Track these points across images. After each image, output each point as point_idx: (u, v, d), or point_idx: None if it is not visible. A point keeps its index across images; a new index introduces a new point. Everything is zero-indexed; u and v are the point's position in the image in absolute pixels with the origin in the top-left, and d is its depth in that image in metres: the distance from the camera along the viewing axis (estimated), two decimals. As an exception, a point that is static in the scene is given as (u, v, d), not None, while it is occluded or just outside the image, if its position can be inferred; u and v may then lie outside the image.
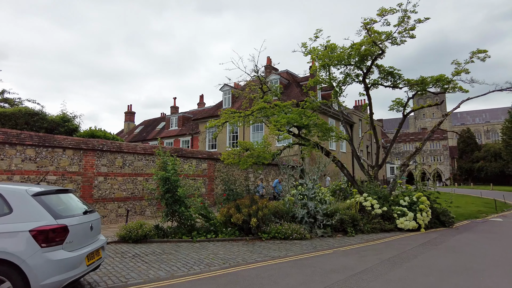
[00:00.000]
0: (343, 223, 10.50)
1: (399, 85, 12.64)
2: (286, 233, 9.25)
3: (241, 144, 11.29)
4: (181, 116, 35.67)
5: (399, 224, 11.50)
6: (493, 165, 59.36)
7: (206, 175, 16.59)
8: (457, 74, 11.97)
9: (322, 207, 10.12)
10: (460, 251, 7.97)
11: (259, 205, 9.38)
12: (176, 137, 33.93)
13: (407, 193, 13.27)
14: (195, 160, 16.22)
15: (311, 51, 13.02)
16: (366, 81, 12.66)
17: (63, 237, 3.87)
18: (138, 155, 14.12)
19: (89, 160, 12.48)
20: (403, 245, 8.68)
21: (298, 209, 9.96)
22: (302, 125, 11.51)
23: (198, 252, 7.57)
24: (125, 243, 8.49)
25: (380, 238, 9.96)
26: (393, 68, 12.30)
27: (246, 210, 9.14)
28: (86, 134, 12.93)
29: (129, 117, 46.64)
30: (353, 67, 12.29)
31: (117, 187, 13.23)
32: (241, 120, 12.16)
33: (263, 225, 9.42)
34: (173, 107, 41.06)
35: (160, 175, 9.21)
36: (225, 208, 9.48)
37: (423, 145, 16.66)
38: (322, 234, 9.95)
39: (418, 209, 11.89)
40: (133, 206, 13.72)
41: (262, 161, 11.08)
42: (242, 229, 9.49)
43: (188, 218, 9.30)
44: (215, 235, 9.26)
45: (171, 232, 9.30)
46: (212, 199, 16.49)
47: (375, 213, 11.66)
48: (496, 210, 18.21)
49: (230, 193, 10.40)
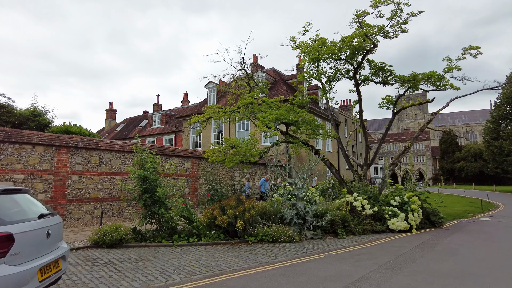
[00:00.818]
0: (334, 225, 10.01)
1: (390, 81, 12.25)
2: (274, 236, 8.65)
3: (226, 141, 10.64)
4: (164, 114, 34.65)
5: (390, 225, 11.10)
6: (473, 165, 60.68)
7: (189, 174, 15.84)
8: (449, 71, 11.68)
9: (312, 208, 9.59)
10: (457, 254, 7.57)
11: (245, 206, 8.75)
12: (159, 136, 32.91)
13: (397, 192, 12.94)
14: (178, 159, 15.44)
15: (300, 45, 12.48)
16: (357, 77, 12.21)
17: (6, 248, 3.14)
18: (116, 153, 13.26)
19: (62, 157, 11.56)
20: (398, 248, 8.23)
21: (287, 210, 9.38)
22: (291, 121, 10.95)
23: (178, 258, 6.88)
24: (98, 248, 7.71)
25: (373, 240, 9.51)
26: (384, 63, 11.90)
27: (231, 212, 8.50)
28: (60, 129, 11.98)
29: (111, 114, 45.11)
30: (344, 62, 11.82)
31: (93, 187, 12.35)
32: (226, 116, 11.49)
33: (250, 228, 8.80)
34: (156, 104, 39.93)
35: (137, 174, 8.45)
36: (209, 209, 8.80)
37: (412, 144, 16.46)
38: (312, 236, 9.41)
39: (409, 210, 11.54)
40: (111, 207, 12.86)
41: (249, 159, 10.45)
42: (227, 232, 8.84)
43: (169, 220, 8.59)
44: (198, 239, 8.58)
45: (149, 236, 8.56)
46: (196, 199, 15.75)
47: (365, 213, 11.22)
48: (482, 209, 18.20)
49: (214, 193, 9.73)
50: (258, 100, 12.01)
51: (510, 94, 29.80)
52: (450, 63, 11.87)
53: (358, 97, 12.67)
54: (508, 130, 28.99)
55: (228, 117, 12.02)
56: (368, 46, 11.05)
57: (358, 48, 10.62)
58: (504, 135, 29.65)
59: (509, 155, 29.19)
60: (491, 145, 32.00)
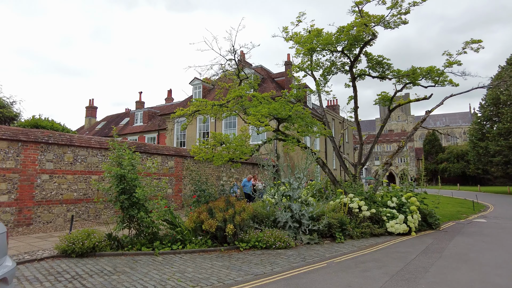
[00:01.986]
0: (331, 228, 9.25)
1: (387, 76, 11.62)
2: (268, 242, 7.80)
3: (214, 136, 9.70)
4: (147, 111, 33.30)
5: (389, 227, 10.44)
6: (455, 166, 61.65)
7: (173, 174, 14.80)
8: (449, 66, 11.14)
9: (308, 210, 8.79)
10: (469, 260, 6.91)
11: (236, 208, 7.86)
12: (141, 134, 31.55)
13: (393, 193, 12.35)
14: (161, 157, 14.40)
15: (293, 36, 11.68)
16: (353, 70, 11.51)
17: None
18: (93, 150, 12.13)
19: (30, 154, 10.37)
20: (404, 254, 7.52)
21: (282, 212, 8.54)
22: (285, 116, 10.12)
23: (160, 270, 5.93)
24: (66, 258, 6.66)
25: (373, 244, 8.80)
26: (382, 57, 11.25)
27: (220, 215, 7.59)
28: (28, 124, 10.78)
29: (91, 112, 43.21)
30: (340, 54, 11.11)
31: (66, 187, 11.20)
32: (214, 111, 10.56)
33: (241, 232, 7.91)
34: (139, 102, 38.45)
35: (114, 172, 7.44)
36: (195, 212, 7.87)
37: (406, 143, 15.99)
38: (308, 241, 8.61)
39: (408, 211, 10.93)
40: (86, 209, 11.72)
41: (240, 156, 9.55)
42: (216, 238, 7.93)
43: (149, 225, 7.60)
44: (183, 246, 7.63)
45: (127, 243, 7.55)
46: (180, 201, 14.73)
47: (363, 215, 10.52)
48: (474, 210, 17.94)
49: (201, 194, 8.79)
50: (248, 95, 11.14)
51: (495, 95, 30.05)
52: (450, 57, 11.34)
53: (354, 92, 11.98)
54: (494, 131, 29.19)
55: (216, 112, 11.10)
56: (367, 38, 10.36)
57: (357, 39, 9.92)
58: (490, 136, 29.85)
59: (495, 156, 29.42)
60: (477, 146, 32.22)
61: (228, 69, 11.42)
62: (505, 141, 27.61)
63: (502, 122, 28.25)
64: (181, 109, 9.75)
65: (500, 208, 19.45)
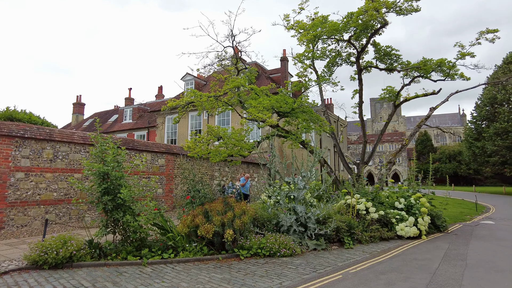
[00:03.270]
0: (338, 232, 8.41)
1: (396, 68, 10.84)
2: (271, 249, 6.91)
3: (211, 130, 8.75)
4: (137, 108, 32.08)
5: (399, 231, 9.67)
6: (447, 167, 61.74)
7: (163, 172, 13.80)
8: (462, 57, 10.41)
9: (315, 213, 7.93)
10: (503, 270, 6.13)
11: (236, 211, 6.95)
12: (130, 131, 30.33)
13: (400, 193, 11.61)
14: (150, 155, 13.38)
15: (296, 24, 10.81)
16: (360, 61, 10.70)
17: None
18: (76, 146, 11.07)
19: (2, 150, 9.28)
20: (424, 262, 6.71)
21: (287, 215, 7.66)
22: (289, 109, 9.23)
23: (149, 285, 4.99)
24: (37, 271, 5.66)
25: (385, 250, 8.00)
26: (391, 47, 10.47)
27: (218, 219, 6.67)
28: (1, 116, 9.66)
29: (78, 108, 41.61)
30: (346, 44, 10.27)
31: (44, 187, 10.13)
32: (210, 104, 9.62)
33: (241, 238, 7.01)
34: (128, 98, 37.14)
35: (95, 169, 6.45)
36: (189, 216, 6.92)
37: (409, 142, 15.35)
38: (315, 247, 7.75)
39: (418, 213, 10.18)
40: (67, 211, 10.66)
41: (241, 153, 8.63)
42: (212, 244, 7.01)
43: (137, 230, 6.63)
44: (175, 254, 6.69)
45: (111, 250, 6.57)
46: (171, 201, 13.74)
47: (370, 218, 9.73)
48: (476, 211, 17.39)
49: (195, 195, 7.85)
50: (246, 86, 10.23)
51: (492, 95, 29.76)
52: (462, 49, 10.62)
53: (359, 85, 11.17)
54: (490, 130, 28.87)
55: (211, 105, 10.16)
56: (376, 26, 9.55)
57: (367, 25, 9.11)
58: (486, 136, 29.53)
59: (491, 155, 29.10)
60: (473, 146, 31.90)
61: (225, 60, 10.48)
62: (502, 141, 27.29)
63: (499, 122, 27.93)
64: (174, 100, 8.78)
65: (502, 209, 18.95)
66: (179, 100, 8.87)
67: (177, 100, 8.87)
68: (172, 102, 8.72)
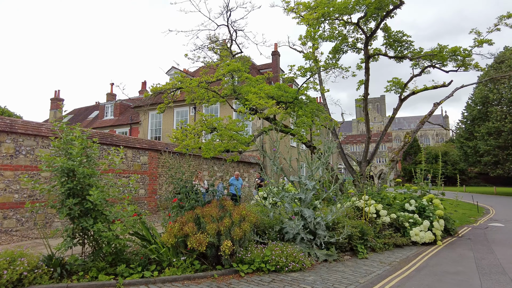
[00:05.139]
0: (351, 239, 7.28)
1: (406, 56, 9.81)
2: (278, 263, 5.70)
3: (204, 120, 7.41)
4: (119, 104, 30.34)
5: (413, 236, 8.64)
6: (433, 167, 62.06)
7: (146, 171, 12.40)
8: (479, 45, 9.48)
9: (327, 218, 6.76)
10: (552, 287, 5.12)
11: (234, 216, 5.70)
12: (111, 128, 28.59)
13: (408, 195, 10.64)
14: (132, 151, 11.96)
15: (295, 7, 9.64)
16: (368, 48, 9.62)
17: None
18: (44, 139, 9.60)
19: (-50, 143, 7.76)
20: (459, 276, 5.64)
21: (295, 221, 6.45)
22: (291, 99, 8.04)
23: (122, 321, 3.69)
24: (-25, 298, 4.26)
25: (404, 259, 6.94)
26: (402, 33, 9.43)
27: (213, 227, 5.41)
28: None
29: (56, 104, 39.21)
30: (354, 27, 9.17)
31: (3, 187, 8.63)
32: (201, 94, 8.32)
33: (241, 250, 5.76)
34: (110, 94, 35.20)
35: (57, 165, 5.09)
36: (176, 223, 5.62)
37: (412, 138, 14.48)
38: (326, 257, 6.58)
39: (433, 216, 9.19)
40: (32, 216, 9.17)
41: (240, 147, 7.36)
42: (205, 256, 5.74)
43: (111, 240, 5.29)
44: (159, 270, 5.39)
45: (78, 267, 5.22)
46: (154, 203, 12.35)
47: (382, 222, 8.66)
48: (478, 212, 16.70)
49: (184, 197, 6.56)
50: (243, 74, 8.98)
51: (483, 94, 29.47)
52: (478, 36, 9.69)
53: (366, 75, 10.09)
54: (482, 130, 28.55)
55: (202, 96, 8.87)
56: (388, 7, 8.46)
57: (381, 4, 7.99)
58: (478, 136, 29.20)
59: (483, 155, 28.79)
60: (464, 145, 31.59)
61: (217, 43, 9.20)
62: (495, 141, 26.97)
63: (492, 121, 27.62)
64: (159, 84, 7.47)
65: (501, 210, 18.35)
66: (165, 84, 7.57)
67: (163, 85, 7.56)
68: (155, 87, 7.40)
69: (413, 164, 66.91)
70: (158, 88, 7.43)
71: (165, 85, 7.61)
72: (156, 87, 7.42)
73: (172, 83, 7.68)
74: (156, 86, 7.40)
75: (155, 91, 7.46)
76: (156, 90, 7.45)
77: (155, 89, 7.42)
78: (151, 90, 7.47)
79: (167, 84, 7.64)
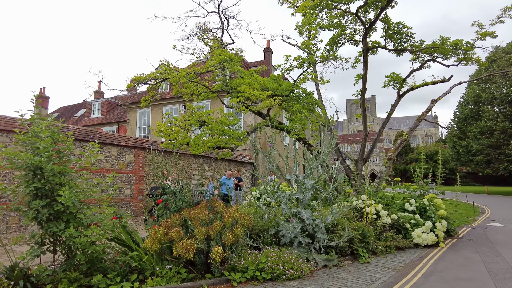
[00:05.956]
0: (352, 243, 6.76)
1: (407, 48, 9.36)
2: (274, 270, 5.13)
3: (194, 113, 6.77)
4: (106, 102, 29.42)
5: (415, 238, 8.18)
6: (424, 166, 62.47)
7: (132, 170, 11.72)
8: (482, 38, 9.08)
9: (327, 220, 6.23)
10: None
11: (225, 219, 5.11)
12: (98, 126, 27.65)
13: (408, 194, 10.23)
14: (116, 149, 11.27)
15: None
16: (367, 40, 9.13)
17: None
18: (7, 134, 8.85)
19: None
20: (472, 283, 5.17)
21: (293, 224, 5.88)
22: (287, 92, 7.48)
23: None
24: None
25: (408, 263, 6.45)
26: (403, 24, 8.98)
27: (202, 231, 4.82)
28: None
29: (42, 102, 37.95)
30: (352, 18, 8.68)
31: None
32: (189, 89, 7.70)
33: (233, 257, 5.17)
34: (97, 91, 34.15)
35: (21, 161, 4.43)
36: (161, 227, 5.01)
37: (410, 136, 14.15)
38: (325, 263, 6.05)
39: (435, 217, 8.76)
40: (4, 219, 8.42)
41: (233, 142, 6.73)
42: (193, 264, 5.15)
43: (86, 247, 4.66)
44: (141, 280, 4.78)
45: (47, 279, 4.57)
46: (141, 205, 11.67)
47: (382, 223, 8.18)
48: (474, 212, 16.42)
49: (170, 198, 5.95)
50: (234, 66, 8.39)
51: (476, 94, 29.44)
52: (481, 28, 9.29)
53: (364, 69, 9.61)
54: (475, 129, 28.49)
55: (191, 90, 8.26)
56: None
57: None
58: (471, 135, 29.14)
59: (476, 154, 28.73)
60: (456, 145, 31.56)
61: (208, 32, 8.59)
62: (487, 140, 26.91)
63: (484, 120, 27.58)
64: (142, 74, 6.83)
65: (497, 209, 18.14)
66: (150, 74, 6.95)
67: (147, 74, 6.93)
68: (139, 76, 6.75)
69: (404, 163, 67.24)
70: (141, 77, 6.80)
71: (150, 74, 6.99)
72: (140, 77, 6.79)
73: (157, 71, 7.05)
74: (139, 76, 6.77)
75: (138, 80, 6.82)
76: (139, 80, 6.82)
77: (138, 78, 6.79)
78: (134, 79, 6.82)
79: (152, 74, 7.02)
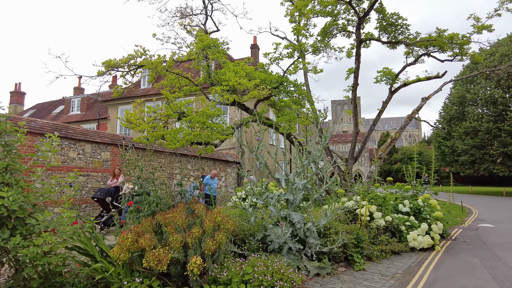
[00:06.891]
0: (346, 248, 6.20)
1: (402, 41, 8.90)
2: (262, 282, 4.49)
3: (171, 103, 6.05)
4: (86, 98, 28.21)
5: (411, 241, 7.69)
6: (417, 166, 63.32)
7: (108, 169, 10.88)
8: (478, 32, 8.71)
9: (320, 223, 5.63)
10: None
11: (206, 224, 4.43)
12: (77, 123, 26.43)
13: (400, 195, 9.80)
14: (91, 146, 10.41)
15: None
16: (360, 31, 8.61)
17: None
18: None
19: None
20: (482, 295, 4.66)
21: (283, 228, 5.25)
22: (276, 84, 6.86)
23: None
24: None
25: (406, 270, 5.94)
26: (398, 15, 8.51)
27: (178, 239, 4.13)
28: None
29: (17, 98, 36.38)
30: (345, 7, 8.14)
31: None
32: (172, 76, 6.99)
33: (215, 267, 4.50)
34: (77, 88, 32.87)
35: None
36: (130, 234, 4.29)
37: (400, 135, 13.81)
38: (318, 271, 5.45)
39: (431, 218, 8.32)
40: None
41: (216, 137, 6.03)
42: (168, 275, 4.45)
43: (35, 259, 3.90)
44: (104, 298, 4.05)
45: (-12, 297, 3.79)
46: (117, 206, 10.82)
47: (377, 225, 7.66)
48: (462, 212, 16.25)
49: (143, 200, 5.23)
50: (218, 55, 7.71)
51: (461, 94, 29.64)
52: (477, 22, 8.93)
53: (356, 62, 9.09)
54: (460, 130, 28.67)
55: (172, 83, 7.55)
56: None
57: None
58: (456, 135, 29.31)
59: (461, 155, 28.91)
60: (442, 145, 31.74)
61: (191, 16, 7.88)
62: (472, 140, 27.09)
63: (469, 121, 27.76)
64: (115, 59, 6.06)
65: (484, 210, 18.05)
66: (122, 59, 6.19)
67: (121, 59, 6.17)
68: (109, 60, 5.98)
69: (388, 163, 67.83)
70: (112, 62, 6.03)
71: (122, 59, 6.24)
72: (110, 61, 6.02)
73: (131, 55, 6.30)
74: (110, 60, 6.00)
75: (109, 65, 6.06)
76: (109, 65, 6.05)
77: (109, 62, 6.02)
78: (104, 64, 6.04)
79: (124, 59, 6.27)
